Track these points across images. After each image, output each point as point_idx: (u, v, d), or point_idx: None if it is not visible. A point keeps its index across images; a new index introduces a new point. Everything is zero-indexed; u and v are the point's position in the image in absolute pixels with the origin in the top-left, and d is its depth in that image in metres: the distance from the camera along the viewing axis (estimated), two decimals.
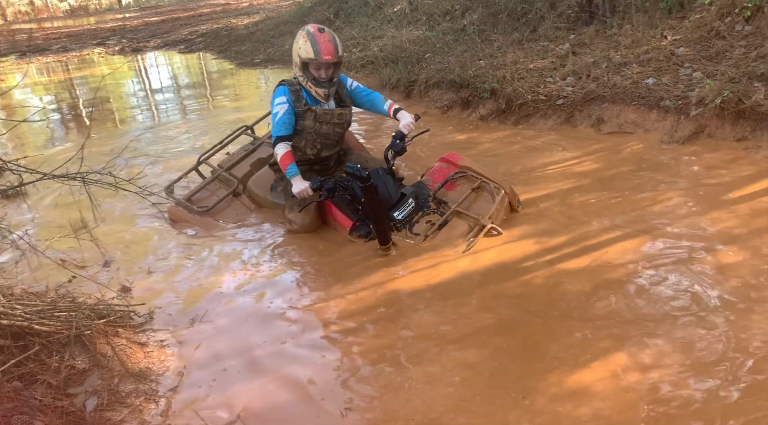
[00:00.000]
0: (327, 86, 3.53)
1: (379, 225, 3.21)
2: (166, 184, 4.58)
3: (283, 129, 3.56)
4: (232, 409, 2.40)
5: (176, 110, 8.86)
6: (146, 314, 3.10)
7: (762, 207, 3.36)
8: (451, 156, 3.77)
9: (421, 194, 3.60)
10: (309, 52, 3.40)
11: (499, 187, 3.55)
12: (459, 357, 2.52)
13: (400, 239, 3.44)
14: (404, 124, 3.52)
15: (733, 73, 4.44)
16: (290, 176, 3.51)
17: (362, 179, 3.04)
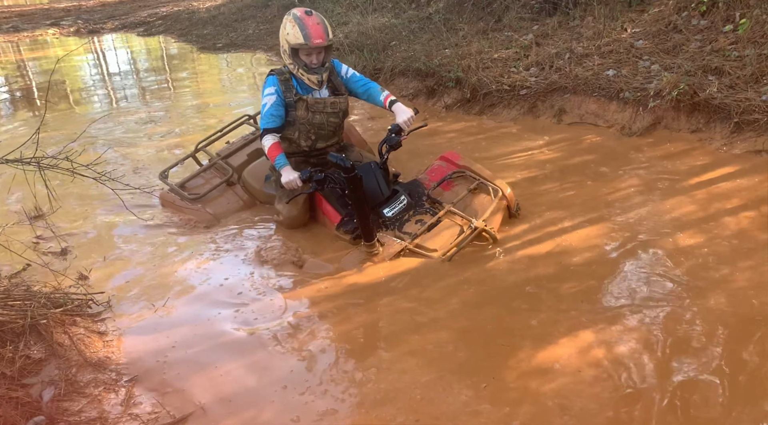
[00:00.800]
0: (320, 72, 3.38)
1: (363, 220, 3.03)
2: (128, 169, 4.47)
3: (271, 121, 3.43)
4: (194, 397, 2.37)
5: (135, 95, 8.63)
6: (105, 302, 3.03)
7: (715, 195, 3.49)
8: (451, 155, 3.63)
9: (415, 192, 3.46)
10: (298, 37, 3.24)
11: (498, 188, 3.39)
12: (428, 338, 2.55)
13: (387, 238, 3.25)
14: (403, 119, 3.35)
15: (689, 67, 4.57)
16: (279, 167, 3.37)
17: (345, 169, 2.87)
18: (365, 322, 2.76)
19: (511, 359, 2.38)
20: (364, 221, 3.04)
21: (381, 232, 3.25)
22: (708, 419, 1.99)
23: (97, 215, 4.15)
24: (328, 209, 3.49)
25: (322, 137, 3.63)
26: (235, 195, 4.07)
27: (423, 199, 3.42)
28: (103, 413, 2.29)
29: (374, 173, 3.38)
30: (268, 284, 3.15)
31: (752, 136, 3.89)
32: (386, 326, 2.73)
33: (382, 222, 3.30)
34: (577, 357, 2.34)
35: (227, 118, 6.73)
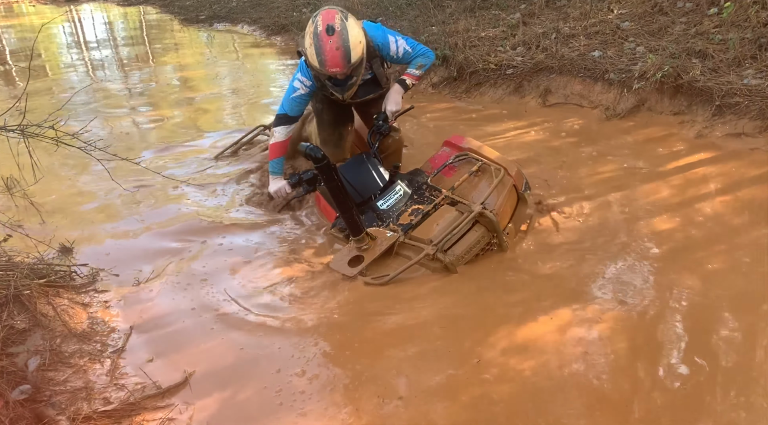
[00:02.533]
0: (342, 92, 2.95)
1: (345, 213, 2.76)
2: (110, 139, 4.40)
3: (295, 109, 3.08)
4: (180, 370, 2.38)
5: (115, 66, 8.45)
6: (89, 274, 3.01)
7: (694, 178, 3.55)
8: (456, 138, 3.36)
9: (414, 181, 3.19)
10: (314, 59, 2.76)
11: (500, 167, 3.08)
12: (410, 316, 2.59)
13: (379, 231, 2.95)
14: (390, 109, 3.13)
15: (674, 49, 4.61)
16: (272, 172, 3.13)
17: (315, 159, 2.56)
18: (349, 300, 2.77)
19: (492, 336, 2.41)
20: (346, 214, 2.77)
21: (376, 226, 2.99)
22: (684, 395, 2.06)
23: (82, 185, 4.10)
24: (325, 206, 3.33)
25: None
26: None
27: (423, 188, 3.15)
28: (89, 383, 2.29)
29: (367, 164, 3.17)
30: (258, 261, 3.14)
31: (733, 119, 3.95)
32: (367, 304, 2.72)
33: (377, 215, 3.04)
34: (557, 335, 2.39)
35: (209, 90, 6.65)
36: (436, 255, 2.74)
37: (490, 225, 2.87)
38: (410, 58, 3.12)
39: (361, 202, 3.06)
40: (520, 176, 3.21)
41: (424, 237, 2.83)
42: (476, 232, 2.86)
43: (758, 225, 2.96)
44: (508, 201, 3.07)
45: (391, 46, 3.03)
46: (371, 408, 2.12)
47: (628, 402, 2.05)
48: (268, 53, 8.57)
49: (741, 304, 2.46)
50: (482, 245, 2.87)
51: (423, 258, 2.76)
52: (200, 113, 5.94)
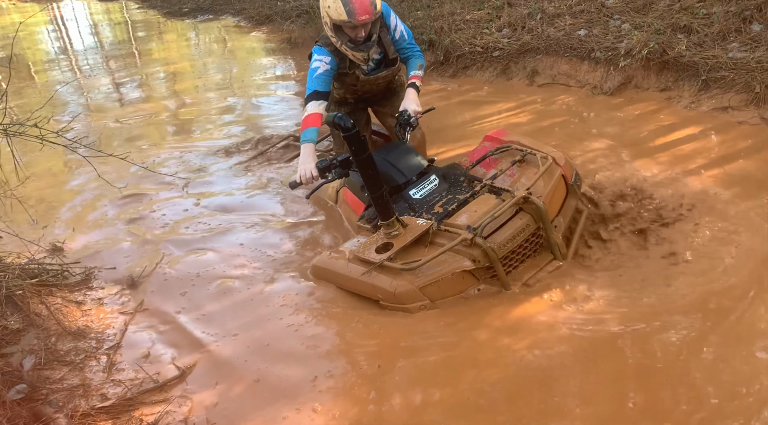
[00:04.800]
0: (366, 48, 2.96)
1: (375, 192, 2.48)
2: (97, 135, 4.36)
3: (323, 84, 2.98)
4: (178, 363, 2.39)
5: (99, 63, 8.37)
6: (81, 273, 3.00)
7: (682, 154, 3.56)
8: (497, 133, 3.15)
9: (450, 174, 2.97)
10: (341, 13, 2.79)
11: (546, 156, 2.82)
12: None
13: (411, 219, 2.68)
14: (412, 108, 3.05)
15: (659, 25, 4.61)
16: (303, 141, 2.86)
17: (344, 128, 2.32)
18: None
19: (486, 316, 2.43)
20: (376, 194, 2.49)
21: (407, 216, 2.72)
22: (665, 365, 2.09)
23: (69, 184, 4.08)
24: (352, 199, 3.13)
25: (372, 91, 3.38)
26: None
27: (460, 179, 2.92)
28: (85, 380, 2.30)
29: (406, 146, 3.03)
30: (252, 255, 3.14)
31: (719, 93, 3.96)
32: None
33: (410, 205, 2.80)
34: (549, 314, 2.41)
35: (196, 83, 6.60)
36: (474, 241, 2.41)
37: (537, 213, 2.56)
38: (406, 52, 3.18)
39: (394, 187, 2.85)
40: (569, 167, 2.91)
41: (460, 224, 2.53)
42: (521, 220, 2.57)
43: (748, 197, 2.98)
44: (556, 191, 2.75)
45: (391, 19, 3.10)
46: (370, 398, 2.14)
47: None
48: (254, 44, 8.50)
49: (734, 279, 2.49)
50: (527, 235, 2.56)
51: (460, 245, 2.45)
52: (189, 107, 5.90)
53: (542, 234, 2.61)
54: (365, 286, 2.52)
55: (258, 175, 4.08)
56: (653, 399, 1.96)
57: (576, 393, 2.02)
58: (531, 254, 2.63)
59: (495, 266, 2.46)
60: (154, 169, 3.88)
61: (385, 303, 2.51)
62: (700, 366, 2.06)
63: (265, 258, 3.08)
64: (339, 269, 2.63)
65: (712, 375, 2.01)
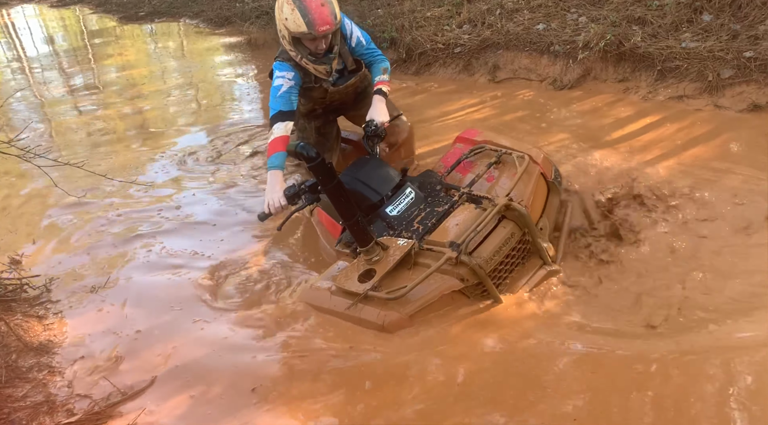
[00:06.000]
0: (328, 61, 2.82)
1: (348, 220, 2.31)
2: (52, 144, 4.24)
3: (288, 103, 2.79)
4: (145, 373, 2.34)
5: (53, 70, 8.14)
6: (42, 286, 2.92)
7: (639, 144, 3.63)
8: (469, 133, 3.02)
9: (426, 184, 2.81)
10: (300, 25, 2.61)
11: (523, 155, 2.72)
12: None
13: (390, 239, 2.50)
14: (379, 120, 2.87)
15: (614, 17, 4.70)
16: (271, 167, 2.65)
17: (308, 158, 2.16)
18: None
19: (456, 311, 2.44)
20: (350, 221, 2.32)
21: (387, 236, 2.57)
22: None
23: (23, 194, 3.95)
24: (328, 220, 2.90)
25: (341, 100, 3.23)
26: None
27: (437, 189, 2.77)
28: (49, 396, 2.23)
29: (375, 160, 2.86)
30: (213, 260, 3.10)
31: (674, 83, 4.05)
32: None
33: (387, 224, 2.63)
34: (515, 310, 2.43)
35: (155, 87, 6.48)
36: (459, 259, 2.29)
37: (520, 220, 2.47)
38: (367, 57, 3.03)
39: (371, 205, 2.69)
40: (548, 163, 2.81)
41: (442, 241, 2.41)
42: (504, 229, 2.45)
43: (703, 185, 3.05)
44: (537, 192, 2.67)
45: (346, 26, 2.94)
46: (344, 400, 2.13)
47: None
48: (214, 46, 8.37)
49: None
50: (513, 244, 2.46)
51: (445, 264, 2.30)
52: (147, 112, 5.79)
53: (529, 240, 2.52)
54: (352, 320, 2.39)
55: (224, 177, 4.02)
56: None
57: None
58: (519, 262, 2.53)
59: (484, 282, 2.35)
60: (112, 176, 3.78)
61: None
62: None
63: (233, 264, 3.03)
64: (322, 303, 2.48)
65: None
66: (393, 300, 2.28)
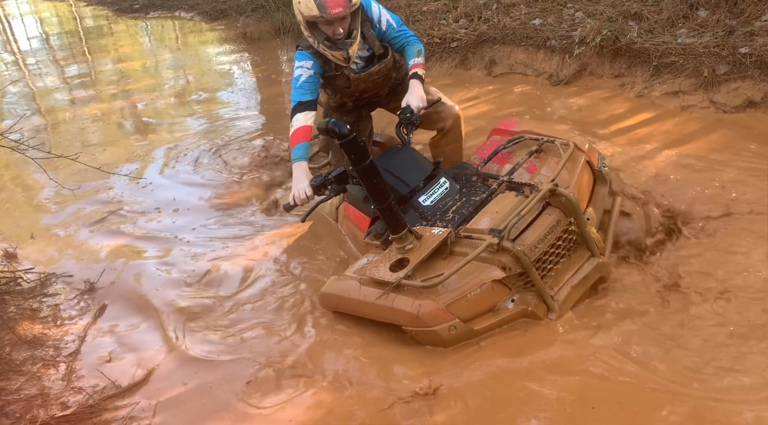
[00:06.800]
0: (346, 45, 2.63)
1: (381, 204, 2.17)
2: (47, 136, 4.22)
3: (308, 93, 2.68)
4: (140, 367, 2.34)
5: (47, 61, 8.08)
6: (36, 279, 2.91)
7: (636, 138, 3.65)
8: (506, 124, 2.88)
9: (461, 174, 2.66)
10: (311, 8, 2.50)
11: (567, 142, 2.54)
12: None
13: (425, 229, 2.34)
14: (415, 104, 2.69)
15: (611, 13, 4.69)
16: (295, 158, 2.57)
17: (339, 135, 2.02)
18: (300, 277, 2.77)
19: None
20: (383, 205, 2.17)
21: (419, 226, 2.41)
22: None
23: (16, 188, 3.93)
24: (356, 214, 2.78)
25: (371, 90, 3.00)
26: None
27: (472, 179, 2.62)
28: (43, 389, 2.23)
29: (406, 150, 2.71)
30: (207, 252, 3.09)
31: (670, 78, 4.06)
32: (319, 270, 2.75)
33: (420, 214, 2.49)
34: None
35: (150, 81, 6.45)
36: (501, 245, 2.11)
37: (567, 206, 2.27)
38: (399, 40, 2.86)
39: (402, 197, 2.53)
40: (593, 151, 2.64)
41: (481, 228, 2.23)
42: (549, 216, 2.26)
43: (700, 179, 3.06)
44: (582, 180, 2.48)
45: (373, 9, 2.80)
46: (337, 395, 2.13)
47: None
48: (209, 39, 8.34)
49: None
50: (558, 233, 2.26)
51: (485, 251, 2.13)
52: (143, 106, 5.76)
53: (575, 230, 2.32)
54: (383, 311, 2.21)
55: (222, 173, 4.01)
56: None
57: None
58: (565, 254, 2.33)
59: (529, 272, 2.15)
60: (108, 170, 3.77)
61: (408, 328, 2.19)
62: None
63: (233, 266, 3.03)
64: (351, 294, 2.30)
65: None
66: (429, 289, 2.11)
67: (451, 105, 3.05)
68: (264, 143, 4.28)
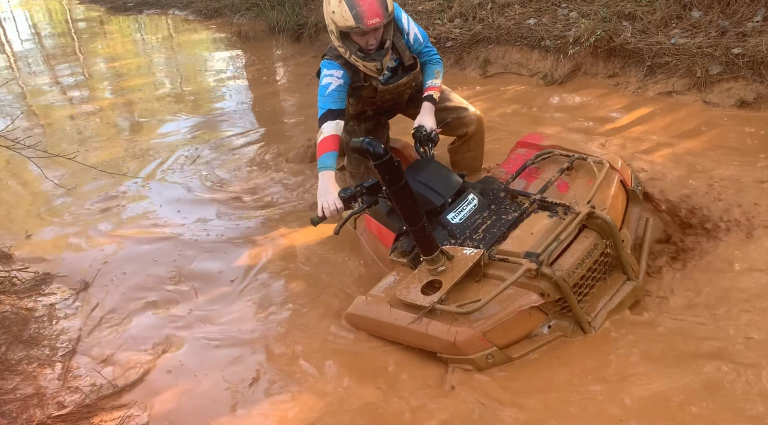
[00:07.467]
0: (379, 57, 2.57)
1: (415, 225, 2.08)
2: (42, 135, 4.20)
3: (337, 102, 2.61)
4: (136, 367, 2.34)
5: (40, 61, 8.04)
6: (32, 279, 2.90)
7: (631, 137, 3.67)
8: (532, 137, 2.78)
9: (488, 190, 2.55)
10: (347, 18, 2.40)
11: (601, 160, 2.45)
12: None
13: (456, 248, 2.25)
14: (429, 125, 2.69)
15: (605, 13, 4.72)
16: (322, 167, 2.47)
17: (375, 155, 1.93)
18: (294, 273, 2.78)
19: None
20: (416, 226, 2.08)
21: (448, 245, 2.32)
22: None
23: (12, 187, 3.92)
24: (378, 228, 2.68)
25: (394, 100, 2.97)
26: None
27: (500, 195, 2.51)
28: (40, 389, 2.22)
29: (434, 162, 2.64)
30: (206, 255, 3.09)
31: (663, 79, 4.09)
32: (307, 264, 2.76)
33: (449, 232, 2.39)
34: None
35: (144, 80, 6.43)
36: (540, 271, 2.04)
37: (605, 230, 2.21)
38: (422, 56, 2.81)
39: (430, 211, 2.41)
40: (626, 169, 2.57)
41: (516, 251, 2.16)
42: (587, 239, 2.19)
43: (695, 177, 3.08)
44: (617, 200, 2.41)
45: (404, 20, 2.72)
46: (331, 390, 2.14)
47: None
48: (204, 38, 8.32)
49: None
50: (596, 256, 2.19)
51: (522, 277, 2.05)
52: (137, 105, 5.74)
53: (610, 253, 2.25)
54: (416, 337, 2.14)
55: (218, 171, 4.01)
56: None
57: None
58: (601, 277, 2.25)
59: (568, 298, 2.10)
60: (104, 169, 3.76)
61: (443, 355, 2.12)
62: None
63: (232, 267, 3.03)
64: (381, 317, 2.23)
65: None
66: (465, 315, 2.04)
67: (474, 110, 3.00)
68: (259, 142, 4.28)
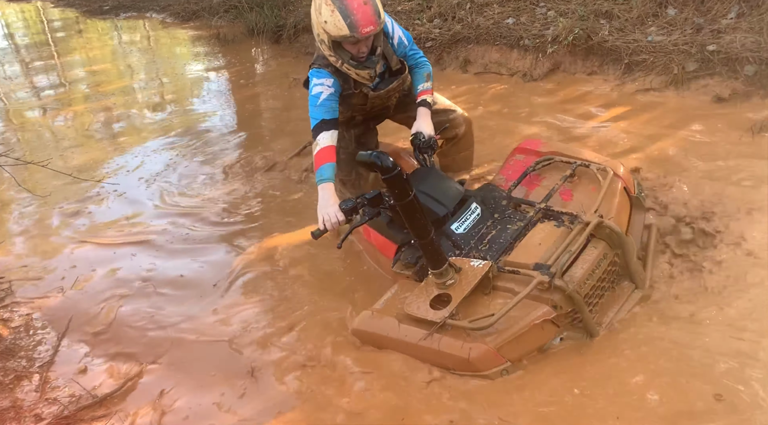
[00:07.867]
0: (372, 64, 2.53)
1: (424, 238, 2.05)
2: (15, 142, 4.13)
3: (330, 111, 2.54)
4: (115, 377, 2.30)
5: (16, 66, 7.91)
6: (6, 288, 2.84)
7: (610, 134, 3.68)
8: (530, 143, 2.74)
9: (489, 198, 2.51)
10: (341, 27, 2.33)
11: (604, 167, 2.42)
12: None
13: (463, 261, 2.21)
14: (427, 132, 2.62)
15: (582, 11, 4.75)
16: (320, 180, 2.39)
17: (383, 169, 1.90)
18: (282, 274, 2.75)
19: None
20: (425, 240, 2.06)
21: (453, 256, 2.27)
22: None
23: None
24: (378, 239, 2.63)
25: (383, 105, 2.92)
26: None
27: (503, 204, 2.48)
28: (16, 401, 2.18)
29: (435, 171, 2.59)
30: (183, 258, 3.06)
31: (641, 76, 4.13)
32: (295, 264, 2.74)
33: (453, 243, 2.34)
34: None
35: (121, 84, 6.34)
36: (552, 283, 2.00)
37: (614, 239, 2.20)
38: (408, 60, 2.76)
39: (434, 221, 2.28)
40: (629, 176, 2.56)
41: (525, 262, 2.13)
42: (596, 249, 2.18)
43: (672, 173, 3.11)
44: (622, 208, 2.39)
45: (388, 25, 2.65)
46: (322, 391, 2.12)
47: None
48: (182, 41, 8.24)
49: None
50: (605, 266, 2.18)
51: (534, 289, 2.01)
52: (114, 110, 5.66)
53: (618, 262, 2.25)
54: (428, 353, 2.09)
55: (196, 178, 3.96)
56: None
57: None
58: (610, 287, 2.24)
59: (580, 310, 2.07)
60: (79, 176, 3.70)
61: (456, 372, 2.08)
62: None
63: (203, 269, 2.99)
64: (389, 333, 2.17)
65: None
66: (477, 330, 1.99)
67: (461, 111, 2.97)
68: (238, 146, 4.24)
